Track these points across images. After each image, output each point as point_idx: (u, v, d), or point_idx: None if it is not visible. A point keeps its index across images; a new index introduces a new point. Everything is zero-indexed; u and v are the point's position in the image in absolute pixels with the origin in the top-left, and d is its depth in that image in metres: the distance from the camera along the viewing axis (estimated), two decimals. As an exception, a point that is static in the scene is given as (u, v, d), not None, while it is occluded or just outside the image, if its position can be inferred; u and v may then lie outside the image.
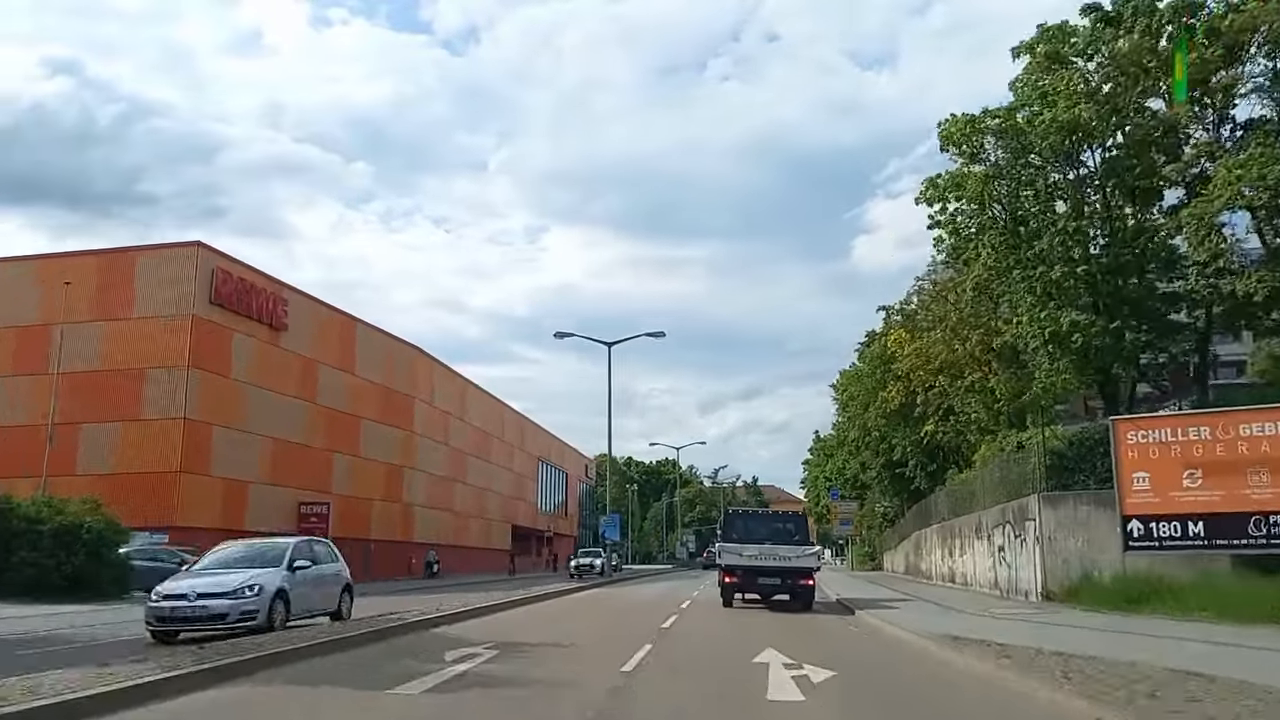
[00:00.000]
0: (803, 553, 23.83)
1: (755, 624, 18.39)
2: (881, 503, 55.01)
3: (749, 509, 29.46)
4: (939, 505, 34.03)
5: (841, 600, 26.97)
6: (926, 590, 30.72)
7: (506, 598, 22.85)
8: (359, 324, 47.97)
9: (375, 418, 48.27)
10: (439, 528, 56.02)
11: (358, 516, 46.45)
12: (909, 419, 38.10)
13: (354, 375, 46.60)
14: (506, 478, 70.79)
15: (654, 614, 19.88)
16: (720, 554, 25.00)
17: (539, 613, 20.25)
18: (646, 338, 41.95)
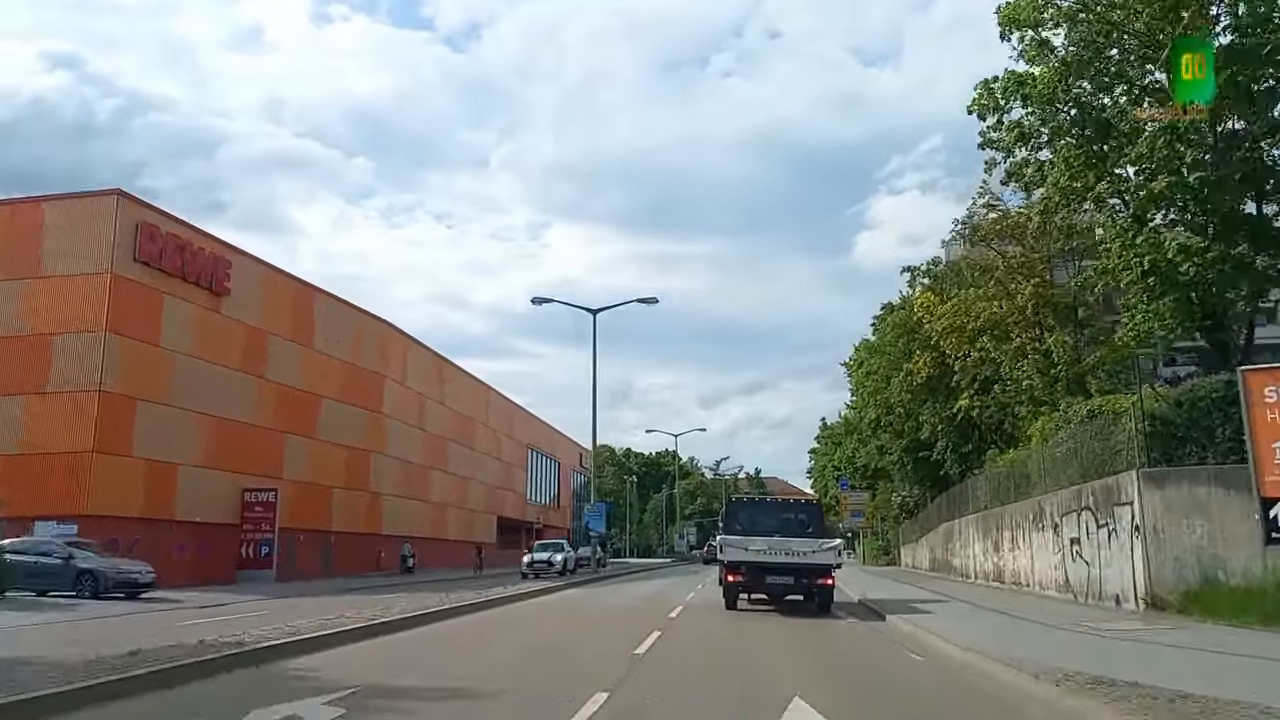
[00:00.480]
0: (819, 547, 19.81)
1: (768, 644, 13.53)
2: (900, 491, 50.09)
3: (756, 496, 24.66)
4: (977, 491, 29.14)
5: (866, 602, 22.38)
6: (966, 590, 25.81)
7: (440, 605, 17.87)
8: (318, 294, 43.00)
9: (337, 397, 43.32)
10: (413, 519, 51.10)
11: (315, 506, 41.57)
12: (938, 394, 33.25)
13: (311, 349, 41.63)
14: (492, 466, 65.87)
15: (631, 628, 14.93)
16: (722, 548, 20.46)
17: (468, 629, 15.11)
18: (639, 304, 36.97)
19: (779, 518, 22.46)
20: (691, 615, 18.31)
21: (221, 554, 35.52)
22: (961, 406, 31.01)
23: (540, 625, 15.59)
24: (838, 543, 20.95)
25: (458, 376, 60.01)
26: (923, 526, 43.08)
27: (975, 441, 32.80)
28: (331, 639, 11.88)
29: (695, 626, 15.94)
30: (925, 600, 23.26)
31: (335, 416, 43.10)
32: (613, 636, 13.66)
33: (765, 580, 20.11)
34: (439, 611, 16.61)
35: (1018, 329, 26.00)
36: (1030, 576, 22.64)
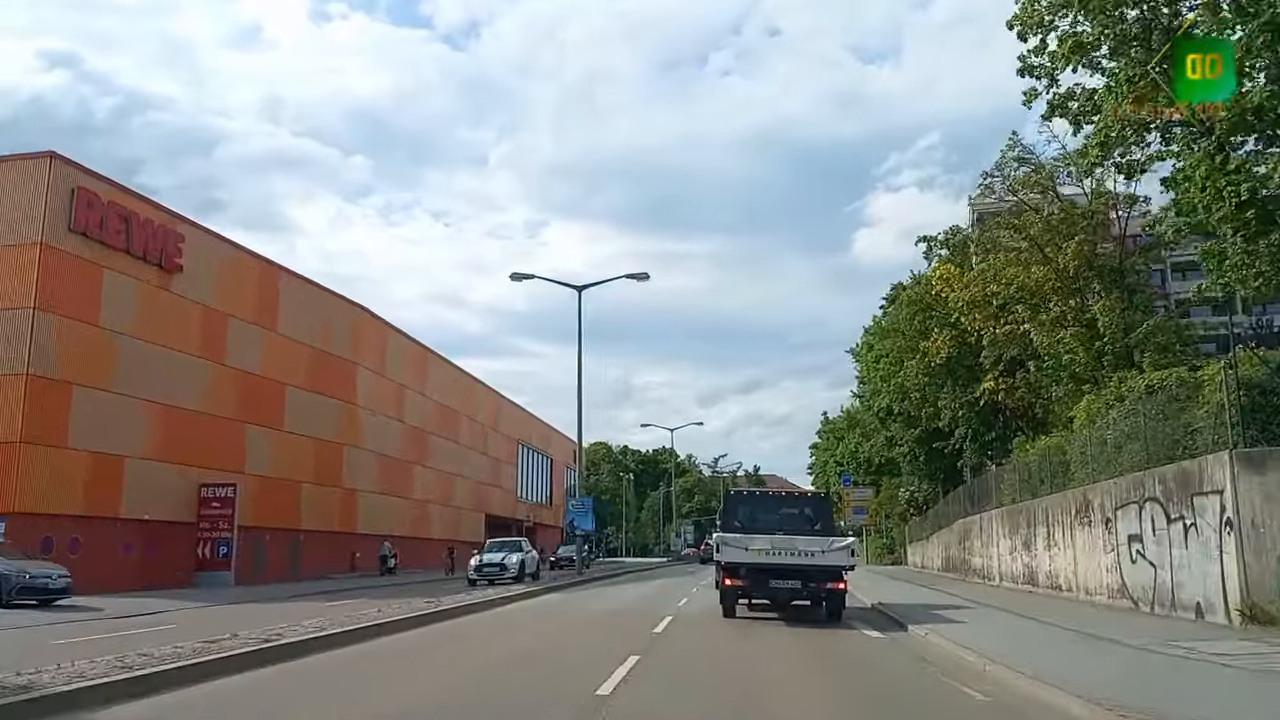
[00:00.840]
0: (829, 546, 17.34)
1: (776, 672, 10.63)
2: (908, 486, 47.16)
3: (757, 490, 21.71)
4: (1003, 483, 26.20)
5: (882, 608, 19.65)
6: (993, 594, 22.88)
7: (376, 619, 14.82)
8: (283, 273, 39.97)
9: (304, 385, 40.32)
10: (393, 517, 48.11)
11: (282, 502, 38.61)
12: (958, 376, 30.33)
13: (275, 333, 38.60)
14: (479, 462, 62.90)
15: (601, 649, 11.96)
16: (719, 548, 17.71)
17: (389, 654, 11.84)
18: (628, 279, 33.93)
19: (783, 513, 19.85)
20: (681, 629, 15.33)
21: (175, 555, 32.55)
22: (985, 389, 28.06)
23: (484, 648, 12.51)
24: (850, 541, 18.08)
25: (441, 367, 57.02)
26: (934, 523, 40.14)
27: (999, 429, 29.86)
28: (196, 670, 8.89)
29: (684, 646, 12.96)
30: (949, 606, 20.41)
31: (303, 406, 40.11)
32: (574, 664, 10.66)
33: (768, 585, 17.55)
34: (369, 628, 13.61)
35: (1056, 297, 23.10)
36: (1072, 579, 19.68)
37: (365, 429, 45.26)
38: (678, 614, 18.16)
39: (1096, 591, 18.17)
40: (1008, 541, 24.98)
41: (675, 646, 12.72)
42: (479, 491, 62.68)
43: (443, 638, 14.13)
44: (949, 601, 22.13)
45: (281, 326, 39.01)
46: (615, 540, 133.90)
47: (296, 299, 40.23)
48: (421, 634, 14.68)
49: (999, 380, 27.64)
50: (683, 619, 17.09)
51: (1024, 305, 23.04)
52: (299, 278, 41.11)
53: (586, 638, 13.66)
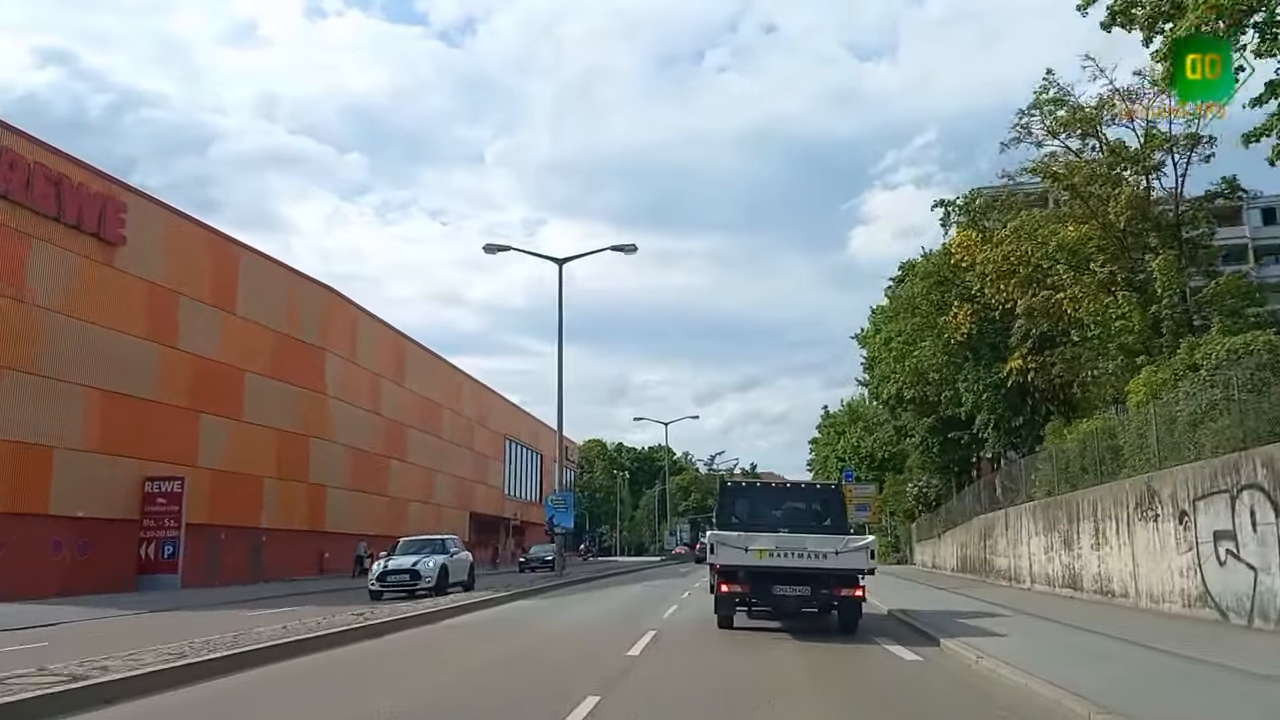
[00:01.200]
0: (845, 545, 14.72)
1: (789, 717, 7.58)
2: (915, 481, 44.20)
3: (757, 481, 18.71)
4: (1035, 474, 23.25)
5: (902, 615, 16.91)
6: (1027, 600, 19.91)
7: (277, 638, 11.71)
8: (243, 250, 36.95)
9: (266, 372, 37.30)
10: (367, 514, 45.10)
11: (241, 498, 35.63)
12: (981, 355, 27.37)
13: (234, 315, 35.58)
14: (463, 457, 59.87)
15: (553, 688, 8.89)
16: (714, 548, 14.92)
17: (265, 692, 9.03)
18: (614, 251, 31.05)
19: (787, 507, 17.19)
20: (665, 650, 12.31)
21: (116, 556, 29.59)
22: (1012, 369, 25.09)
23: (398, 684, 9.46)
24: (870, 541, 15.18)
25: (420, 357, 53.98)
26: (947, 520, 37.14)
27: (1027, 413, 26.88)
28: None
29: (665, 677, 9.96)
30: (981, 613, 17.54)
31: (265, 395, 37.13)
32: (514, 714, 7.65)
33: (772, 591, 14.83)
34: (263, 650, 10.59)
35: (1103, 256, 20.16)
36: (1130, 584, 16.70)
37: (335, 420, 42.25)
38: (663, 627, 15.17)
39: (1166, 598, 15.19)
40: (1042, 539, 22.00)
41: (653, 678, 9.71)
42: (463, 488, 59.68)
43: (376, 659, 11.16)
44: (979, 608, 19.18)
45: (241, 308, 36.01)
46: (610, 539, 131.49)
47: (258, 279, 37.21)
48: (347, 652, 11.71)
49: (1028, 358, 24.68)
50: (668, 635, 14.09)
51: (1065, 266, 19.95)
52: (261, 256, 38.12)
53: (532, 668, 10.53)
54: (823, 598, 15.13)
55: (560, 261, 31.48)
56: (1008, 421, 27.46)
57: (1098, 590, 18.35)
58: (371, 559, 40.38)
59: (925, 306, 28.78)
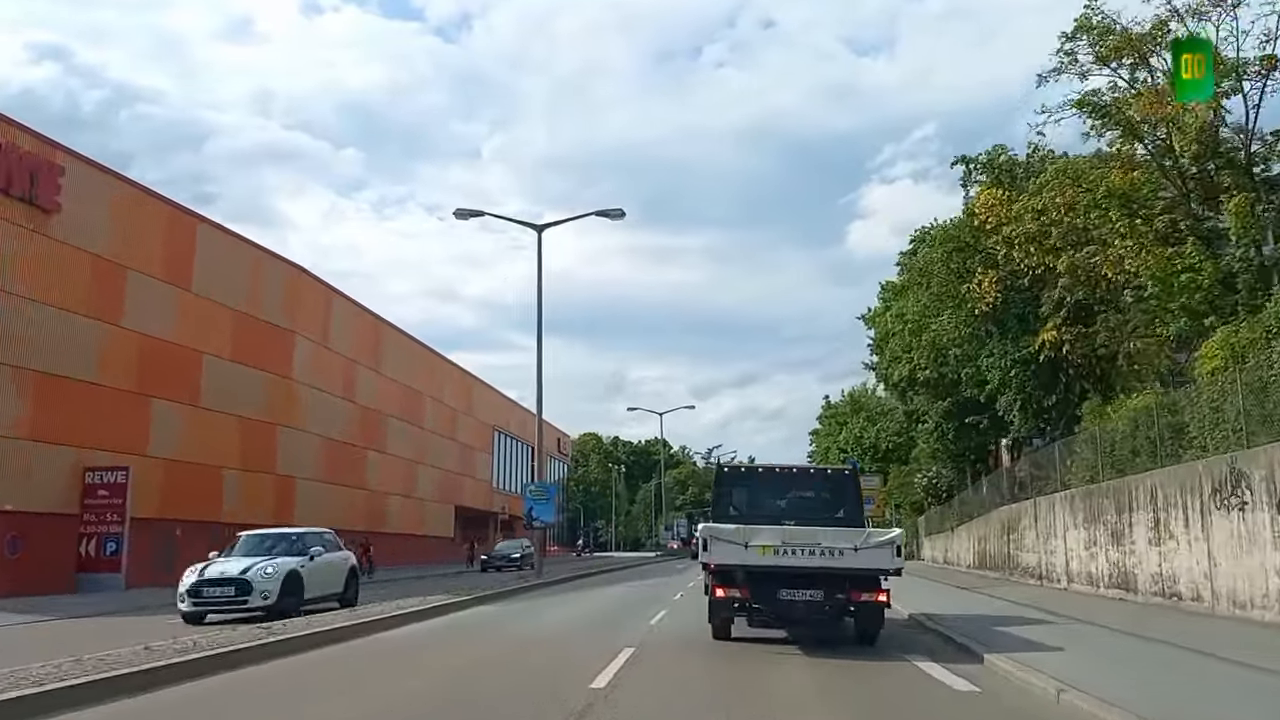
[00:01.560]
0: (865, 540, 12.35)
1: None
2: (925, 472, 41.53)
3: (759, 465, 15.97)
4: (1072, 459, 20.57)
5: (926, 620, 14.53)
6: (1070, 602, 17.29)
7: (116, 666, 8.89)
8: (200, 223, 34.16)
9: (227, 355, 34.55)
10: (342, 508, 42.28)
11: (200, 490, 32.89)
12: (1007, 328, 24.69)
13: (189, 293, 32.81)
14: (447, 449, 57.13)
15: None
16: (707, 544, 12.52)
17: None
18: (598, 216, 28.28)
19: (794, 496, 14.92)
20: (642, 677, 9.59)
21: (52, 553, 26.88)
22: (1044, 342, 22.38)
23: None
24: (896, 535, 12.59)
25: (400, 343, 51.20)
26: (961, 513, 34.53)
27: (1060, 392, 24.17)
28: None
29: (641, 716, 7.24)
30: (1019, 619, 15.05)
31: (225, 379, 34.38)
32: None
33: (777, 595, 12.39)
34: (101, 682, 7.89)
35: (1162, 203, 17.46)
36: (1206, 586, 14.01)
37: (305, 408, 39.49)
38: (645, 641, 12.49)
39: (1256, 603, 12.52)
40: (1081, 533, 19.32)
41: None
42: (448, 481, 56.97)
43: (241, 699, 8.47)
44: (1015, 612, 16.57)
45: (198, 285, 33.23)
46: (606, 534, 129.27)
47: (217, 254, 34.43)
48: (212, 684, 9.02)
49: (1062, 330, 22.00)
50: (650, 652, 11.40)
51: (1117, 213, 17.14)
52: (220, 229, 35.34)
53: (457, 712, 7.84)
54: (837, 603, 12.62)
55: (539, 228, 28.86)
56: (1037, 402, 24.71)
57: (1158, 592, 15.68)
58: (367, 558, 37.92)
59: (945, 274, 25.98)
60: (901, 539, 12.50)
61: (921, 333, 27.61)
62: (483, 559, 42.65)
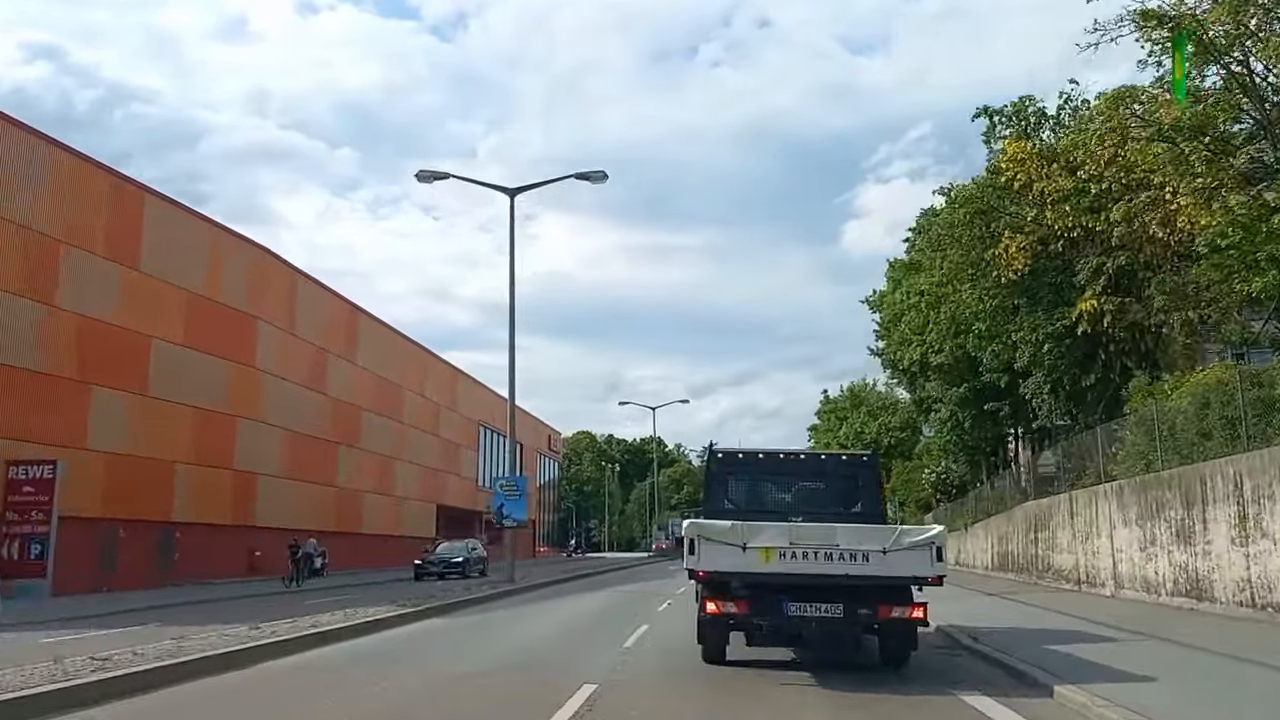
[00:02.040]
0: (896, 540, 9.82)
1: None
2: (934, 467, 38.86)
3: (760, 451, 13.07)
4: (1118, 448, 17.90)
5: (958, 634, 12.05)
6: (1127, 612, 14.63)
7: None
8: (152, 197, 31.36)
9: (180, 340, 31.79)
10: (310, 506, 39.63)
11: (147, 487, 30.15)
12: (1038, 298, 21.99)
13: (137, 271, 30.03)
14: (428, 444, 54.36)
15: None
16: (695, 546, 9.92)
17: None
18: (577, 179, 25.75)
19: (804, 487, 12.66)
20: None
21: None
22: (1083, 314, 19.69)
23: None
24: (935, 533, 9.90)
25: (378, 332, 48.42)
26: (977, 509, 31.86)
27: (1099, 371, 21.43)
28: None
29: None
30: (1073, 635, 12.63)
31: (178, 366, 31.63)
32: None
33: (785, 611, 9.81)
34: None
35: (1242, 136, 14.82)
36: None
37: (268, 399, 36.72)
38: (614, 672, 9.75)
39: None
40: (1135, 530, 16.63)
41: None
42: (430, 479, 54.23)
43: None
44: (1064, 624, 13.92)
45: (146, 263, 30.49)
46: (599, 534, 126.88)
47: (169, 230, 31.68)
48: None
49: (1103, 299, 19.33)
50: (618, 690, 8.66)
51: (1189, 146, 14.38)
52: (173, 204, 32.57)
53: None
54: (861, 620, 10.03)
55: (511, 193, 26.49)
56: (1071, 382, 21.96)
57: (1244, 601, 12.98)
58: (324, 558, 35.06)
59: (967, 239, 23.17)
60: (944, 540, 9.82)
61: (940, 305, 24.73)
62: (415, 564, 34.35)
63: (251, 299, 35.93)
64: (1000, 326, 23.72)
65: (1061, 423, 24.32)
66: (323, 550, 40.81)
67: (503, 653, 11.08)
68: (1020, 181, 20.28)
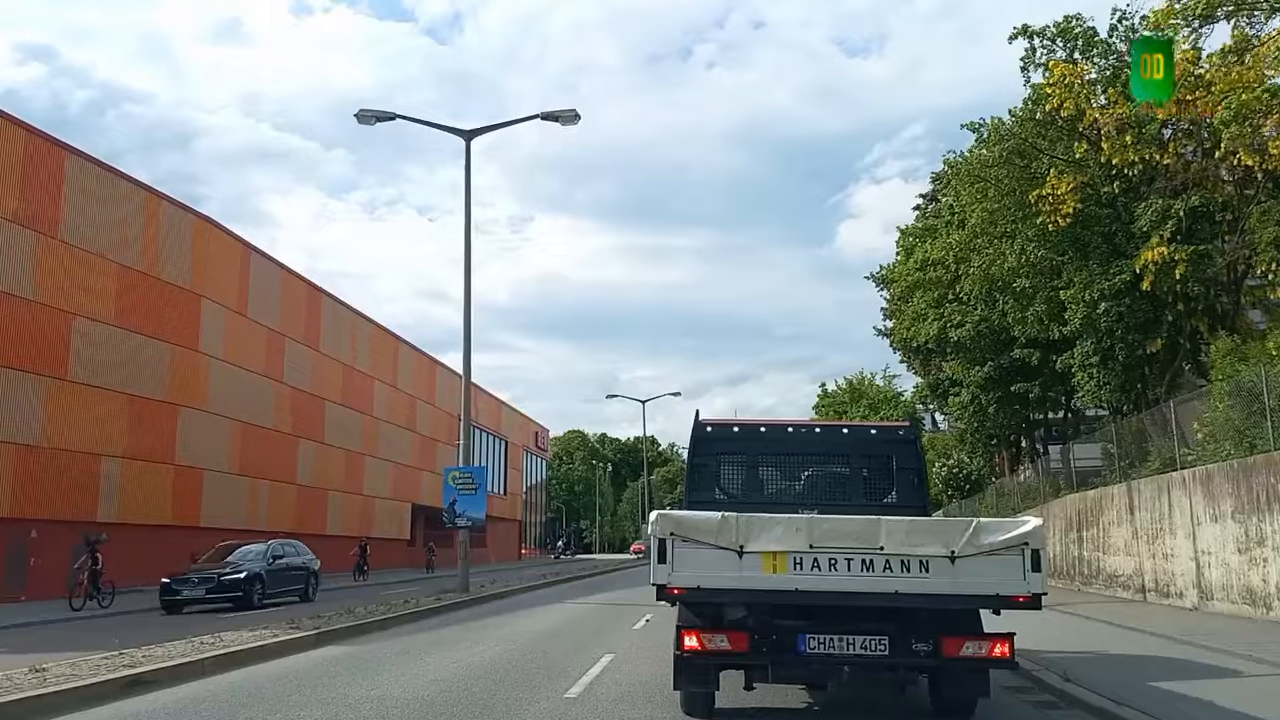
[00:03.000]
0: (968, 538, 6.29)
1: None
2: (944, 461, 35.55)
3: (762, 424, 9.50)
4: (1202, 427, 14.62)
5: (1033, 668, 8.20)
6: (1237, 632, 11.37)
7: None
8: (67, 154, 27.91)
9: (109, 319, 28.38)
10: (263, 506, 36.26)
11: (67, 483, 26.84)
12: (1091, 249, 18.57)
13: (54, 239, 26.62)
14: (402, 440, 50.88)
15: None
16: (667, 550, 6.44)
17: None
18: (543, 120, 22.35)
19: (819, 471, 9.52)
20: None
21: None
22: (1148, 265, 16.32)
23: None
24: (1032, 527, 6.45)
25: (346, 318, 44.96)
26: (998, 505, 28.55)
27: (1166, 335, 18.03)
28: None
29: None
30: (1191, 666, 9.42)
31: (105, 348, 28.24)
32: None
33: (803, 646, 6.56)
34: None
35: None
36: None
37: (216, 387, 33.25)
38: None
39: None
40: (1228, 528, 13.34)
41: None
42: (404, 477, 50.77)
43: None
44: (1167, 650, 10.66)
45: (68, 231, 27.07)
46: (590, 535, 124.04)
47: (96, 195, 28.30)
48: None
49: (1174, 247, 16.01)
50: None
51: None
52: (100, 165, 29.08)
53: None
54: (916, 659, 6.65)
55: (468, 136, 23.24)
56: (1130, 350, 18.48)
57: None
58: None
59: (1008, 179, 19.56)
60: (1043, 540, 6.54)
61: (971, 260, 21.07)
62: (164, 583, 21.20)
63: (196, 275, 32.48)
64: (1045, 283, 20.27)
65: (1108, 402, 20.96)
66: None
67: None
68: (1068, 111, 17.06)
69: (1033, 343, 23.35)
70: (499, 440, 70.33)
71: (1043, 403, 27.61)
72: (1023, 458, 31.73)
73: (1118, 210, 18.53)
